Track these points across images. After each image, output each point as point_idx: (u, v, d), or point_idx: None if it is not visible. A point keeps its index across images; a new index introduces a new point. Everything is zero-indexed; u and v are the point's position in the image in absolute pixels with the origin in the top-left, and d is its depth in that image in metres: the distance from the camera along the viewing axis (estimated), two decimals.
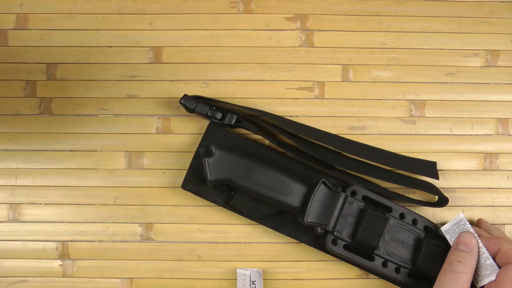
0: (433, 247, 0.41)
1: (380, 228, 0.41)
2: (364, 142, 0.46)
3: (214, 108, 0.44)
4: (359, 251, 0.42)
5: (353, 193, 0.43)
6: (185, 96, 0.44)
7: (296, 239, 0.44)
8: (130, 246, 0.45)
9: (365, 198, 0.43)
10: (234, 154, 0.42)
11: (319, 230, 0.41)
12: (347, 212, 0.42)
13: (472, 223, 0.43)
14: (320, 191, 0.41)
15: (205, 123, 0.46)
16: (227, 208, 0.44)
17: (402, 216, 0.43)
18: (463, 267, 0.37)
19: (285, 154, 0.45)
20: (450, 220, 0.41)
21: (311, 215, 0.41)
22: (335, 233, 0.41)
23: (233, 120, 0.45)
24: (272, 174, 0.42)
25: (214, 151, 0.41)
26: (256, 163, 0.42)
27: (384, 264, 0.42)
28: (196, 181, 0.44)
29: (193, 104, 0.44)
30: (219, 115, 0.44)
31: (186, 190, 0.45)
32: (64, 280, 0.45)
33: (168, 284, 0.45)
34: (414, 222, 0.42)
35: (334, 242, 0.42)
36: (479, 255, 0.39)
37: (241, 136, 0.45)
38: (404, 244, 0.42)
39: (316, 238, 0.44)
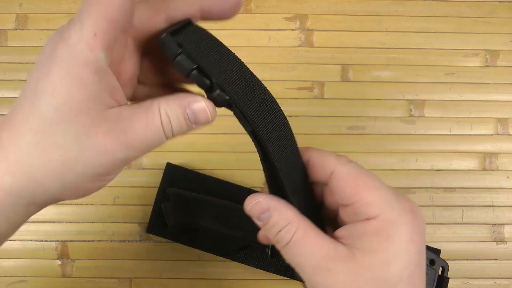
0: None
1: None
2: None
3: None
4: None
5: None
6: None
7: (266, 270, 0.44)
8: (129, 246, 0.45)
9: None
10: (192, 196, 0.42)
11: (286, 261, 0.41)
12: None
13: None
14: None
15: None
16: (193, 247, 0.44)
17: None
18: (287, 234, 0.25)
19: (248, 188, 0.45)
20: None
21: (275, 250, 0.40)
22: None
23: None
24: (233, 211, 0.41)
25: (171, 195, 0.41)
26: (216, 202, 0.42)
27: None
28: (160, 225, 0.44)
29: None
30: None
31: (152, 234, 0.44)
32: (64, 280, 0.45)
33: (167, 284, 0.45)
34: None
35: None
36: None
37: (201, 174, 0.45)
38: None
39: (287, 268, 0.43)
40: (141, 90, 0.27)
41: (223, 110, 0.26)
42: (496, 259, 0.45)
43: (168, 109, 0.24)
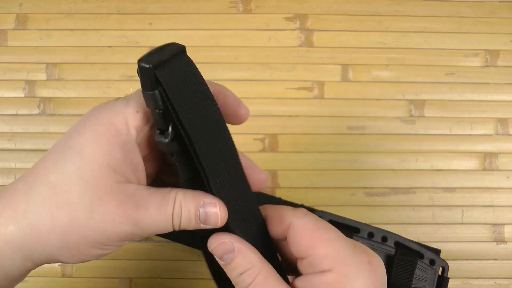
0: (405, 263, 0.41)
1: None
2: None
3: None
4: None
5: None
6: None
7: None
8: (129, 246, 0.45)
9: (330, 222, 0.42)
10: None
11: None
12: None
13: None
14: None
15: None
16: (193, 247, 0.44)
17: (370, 235, 0.42)
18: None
19: None
20: None
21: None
22: None
23: None
24: None
25: None
26: None
27: None
28: None
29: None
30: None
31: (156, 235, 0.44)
32: (64, 280, 0.45)
33: (167, 284, 0.45)
34: (384, 239, 0.42)
35: None
36: None
37: None
38: None
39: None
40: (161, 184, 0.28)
41: None
42: (496, 259, 0.45)
43: (183, 201, 0.24)
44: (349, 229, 0.42)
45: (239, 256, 0.25)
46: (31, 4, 0.48)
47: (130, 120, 0.23)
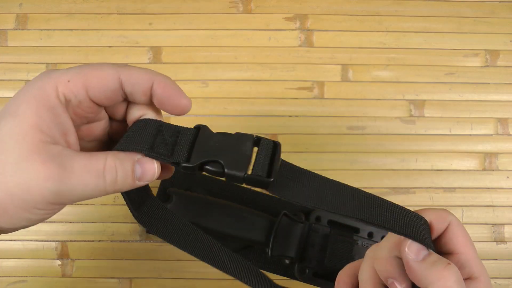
0: None
1: (348, 252, 0.40)
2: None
3: None
4: (330, 276, 0.41)
5: (318, 219, 0.42)
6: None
7: (266, 270, 0.44)
8: (129, 246, 0.45)
9: (330, 222, 0.42)
10: (193, 196, 0.41)
11: (286, 261, 0.41)
12: (313, 240, 0.41)
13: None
14: (282, 224, 0.41)
15: None
16: None
17: (370, 235, 0.42)
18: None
19: (249, 188, 0.45)
20: None
21: (275, 249, 0.40)
22: (303, 263, 0.41)
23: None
24: (233, 211, 0.41)
25: (172, 196, 0.41)
26: (216, 202, 0.41)
27: None
28: None
29: None
30: None
31: (152, 234, 0.44)
32: (64, 280, 0.45)
33: (167, 284, 0.45)
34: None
35: (303, 271, 0.41)
36: None
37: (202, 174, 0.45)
38: None
39: (286, 268, 0.43)
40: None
41: (221, 110, 0.26)
42: (496, 259, 0.45)
43: (117, 159, 0.25)
44: (349, 229, 0.42)
45: (434, 254, 0.26)
46: (31, 4, 0.48)
47: (61, 87, 0.24)
